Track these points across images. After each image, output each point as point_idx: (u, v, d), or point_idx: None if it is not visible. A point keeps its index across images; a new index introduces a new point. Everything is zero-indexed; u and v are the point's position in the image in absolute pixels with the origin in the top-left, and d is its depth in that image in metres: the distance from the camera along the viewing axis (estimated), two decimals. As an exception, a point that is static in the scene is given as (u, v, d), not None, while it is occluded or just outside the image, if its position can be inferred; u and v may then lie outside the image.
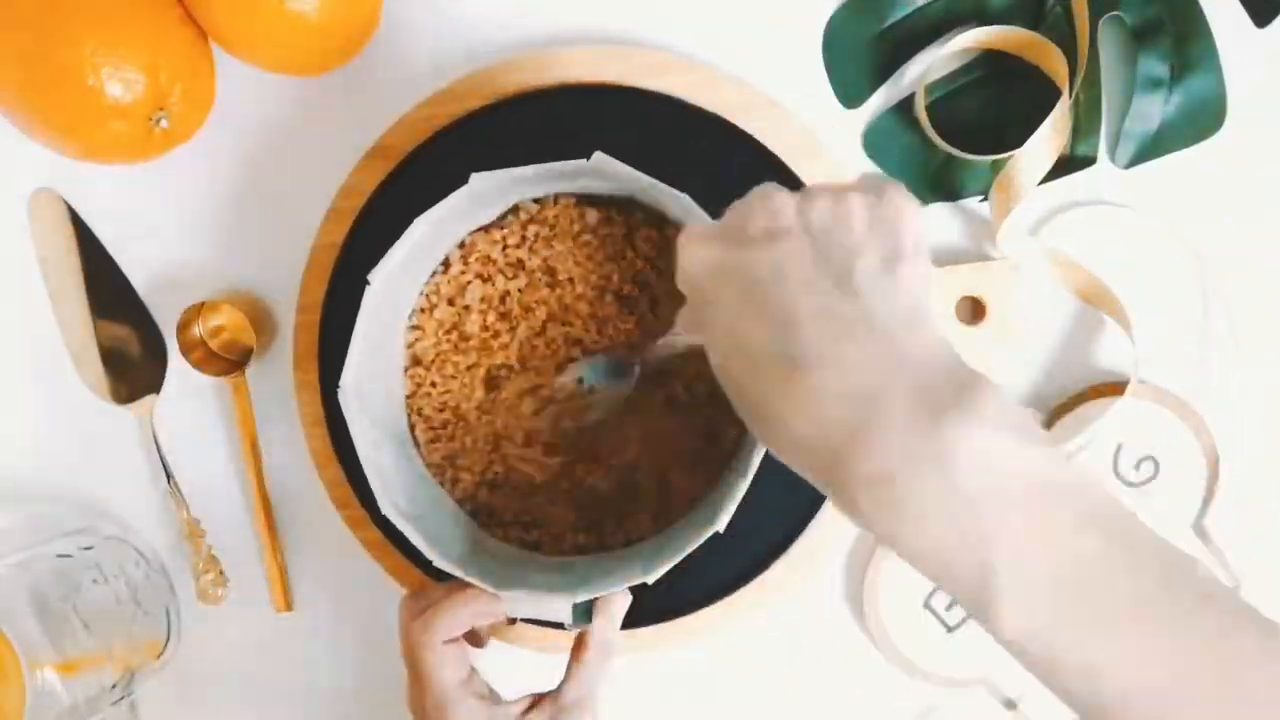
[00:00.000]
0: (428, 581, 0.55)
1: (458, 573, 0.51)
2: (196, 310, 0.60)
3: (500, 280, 0.57)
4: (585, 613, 0.53)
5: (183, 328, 0.60)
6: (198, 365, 0.61)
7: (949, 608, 0.61)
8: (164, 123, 0.54)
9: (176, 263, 0.62)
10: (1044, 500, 0.33)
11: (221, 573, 0.62)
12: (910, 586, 0.60)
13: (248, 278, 0.62)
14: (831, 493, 0.36)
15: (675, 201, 0.51)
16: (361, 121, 0.60)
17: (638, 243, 0.57)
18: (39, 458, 0.62)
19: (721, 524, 0.50)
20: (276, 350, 0.62)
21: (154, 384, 0.62)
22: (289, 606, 0.62)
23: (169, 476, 0.61)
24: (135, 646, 0.59)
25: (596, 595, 0.51)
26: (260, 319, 0.61)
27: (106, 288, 0.61)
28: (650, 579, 0.50)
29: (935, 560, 0.33)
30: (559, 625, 0.51)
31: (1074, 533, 0.33)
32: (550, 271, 0.57)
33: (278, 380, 0.62)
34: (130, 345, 0.61)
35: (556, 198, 0.57)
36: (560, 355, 0.57)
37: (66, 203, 0.61)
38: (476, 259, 0.57)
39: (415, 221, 0.51)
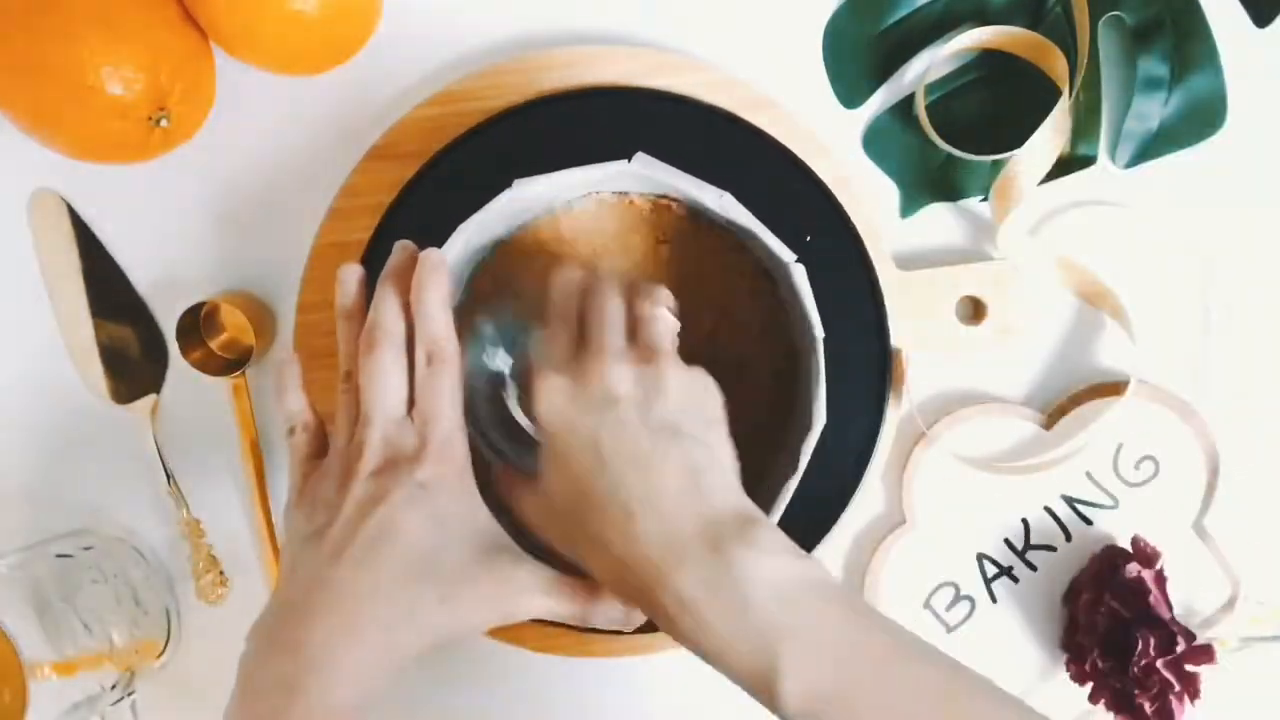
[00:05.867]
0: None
1: None
2: (196, 310, 0.60)
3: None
4: None
5: (183, 328, 0.60)
6: (198, 365, 0.61)
7: (949, 608, 0.61)
8: (164, 123, 0.54)
9: (176, 263, 0.61)
10: (813, 595, 0.42)
11: (221, 573, 0.62)
12: (910, 587, 0.60)
13: (248, 278, 0.62)
14: (648, 610, 0.44)
15: (717, 200, 0.51)
16: (361, 121, 0.60)
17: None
18: (39, 458, 0.62)
19: (774, 518, 0.51)
20: (277, 350, 0.62)
21: (154, 384, 0.62)
22: (289, 606, 0.62)
23: (169, 476, 0.61)
24: (135, 646, 0.59)
25: None
26: (260, 319, 0.61)
27: (106, 288, 0.61)
28: None
29: (731, 656, 0.42)
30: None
31: (841, 614, 0.42)
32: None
33: (278, 380, 0.62)
34: (130, 345, 0.61)
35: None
36: None
37: (66, 203, 0.61)
38: (514, 256, 0.57)
39: (458, 229, 0.51)
